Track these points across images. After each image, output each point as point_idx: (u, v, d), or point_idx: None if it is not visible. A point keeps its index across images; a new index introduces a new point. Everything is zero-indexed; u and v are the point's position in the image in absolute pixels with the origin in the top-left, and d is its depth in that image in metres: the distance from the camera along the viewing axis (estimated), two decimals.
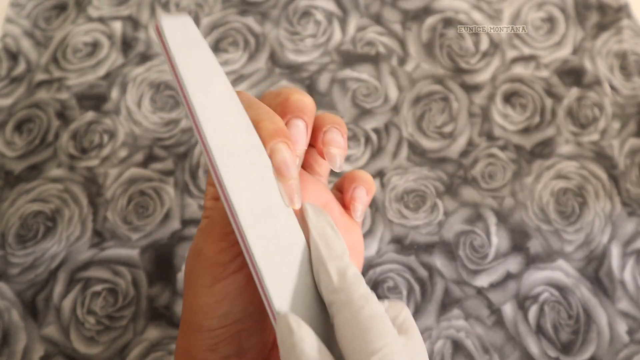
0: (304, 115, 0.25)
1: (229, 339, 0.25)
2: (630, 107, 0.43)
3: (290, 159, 0.23)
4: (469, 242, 0.38)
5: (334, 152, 0.26)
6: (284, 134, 0.23)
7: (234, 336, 0.25)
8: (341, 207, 0.28)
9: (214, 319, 0.25)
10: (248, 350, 0.25)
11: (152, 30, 0.24)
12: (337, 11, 0.47)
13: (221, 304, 0.24)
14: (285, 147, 0.23)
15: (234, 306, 0.24)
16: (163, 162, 0.41)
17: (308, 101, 0.25)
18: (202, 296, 0.25)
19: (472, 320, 0.36)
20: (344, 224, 0.28)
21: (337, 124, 0.27)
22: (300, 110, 0.25)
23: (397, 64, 0.44)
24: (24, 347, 0.35)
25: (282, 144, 0.23)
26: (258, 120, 0.24)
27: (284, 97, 0.25)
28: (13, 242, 0.38)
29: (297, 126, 0.25)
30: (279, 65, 0.44)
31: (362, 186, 0.28)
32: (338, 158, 0.26)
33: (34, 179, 0.40)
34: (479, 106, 0.43)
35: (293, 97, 0.25)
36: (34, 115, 0.42)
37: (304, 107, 0.25)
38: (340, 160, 0.27)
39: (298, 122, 0.25)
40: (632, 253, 0.38)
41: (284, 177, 0.23)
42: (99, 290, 0.37)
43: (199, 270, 0.25)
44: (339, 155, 0.26)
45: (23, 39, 0.46)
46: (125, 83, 0.43)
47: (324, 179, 0.29)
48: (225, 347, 0.25)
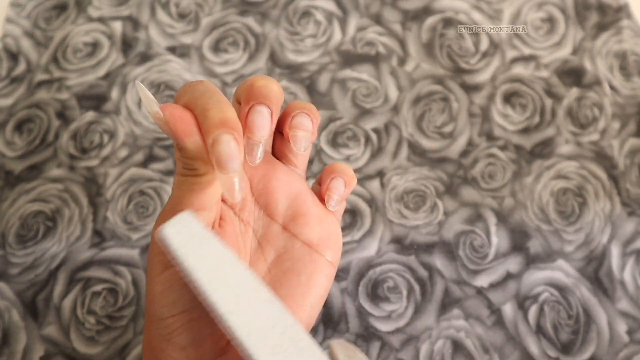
0: (267, 101, 0.24)
1: (180, 328, 0.25)
2: (630, 107, 0.43)
3: (232, 151, 0.22)
4: (469, 242, 0.38)
5: (298, 135, 0.26)
6: (229, 124, 0.22)
7: (185, 326, 0.25)
8: (316, 198, 0.28)
9: (164, 307, 0.25)
10: (202, 340, 0.25)
11: (157, 238, 0.23)
12: (337, 11, 0.47)
13: (169, 292, 0.24)
14: (228, 138, 0.22)
15: (181, 295, 0.24)
16: (163, 162, 0.41)
17: (275, 87, 0.25)
18: (154, 284, 0.25)
19: (472, 320, 0.36)
20: (317, 213, 0.28)
21: (307, 109, 0.26)
22: (264, 96, 0.24)
23: (397, 64, 0.44)
24: (24, 347, 0.35)
25: (225, 134, 0.22)
26: (206, 109, 0.23)
27: (249, 84, 0.25)
28: (13, 242, 0.38)
29: (259, 112, 0.24)
30: (279, 65, 0.44)
31: (340, 177, 0.28)
32: (302, 141, 0.26)
33: (34, 179, 0.40)
34: (478, 106, 0.43)
35: (258, 83, 0.25)
36: (34, 115, 0.42)
37: (268, 92, 0.24)
38: (304, 143, 0.26)
39: (261, 108, 0.24)
40: (632, 253, 0.38)
41: (222, 169, 0.22)
42: (99, 290, 0.37)
43: (151, 258, 0.25)
44: (303, 139, 0.26)
45: (23, 39, 0.46)
46: (125, 83, 0.43)
47: (299, 170, 0.29)
48: (179, 336, 0.25)
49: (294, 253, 0.28)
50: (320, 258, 0.27)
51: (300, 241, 0.28)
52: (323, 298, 0.28)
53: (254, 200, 0.28)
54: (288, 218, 0.28)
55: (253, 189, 0.28)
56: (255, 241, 0.29)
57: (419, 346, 0.35)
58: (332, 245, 0.28)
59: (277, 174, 0.28)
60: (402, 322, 0.36)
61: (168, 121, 0.23)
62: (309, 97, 0.43)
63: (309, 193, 0.28)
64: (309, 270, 0.27)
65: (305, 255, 0.28)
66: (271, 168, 0.28)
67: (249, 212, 0.28)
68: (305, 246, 0.28)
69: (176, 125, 0.23)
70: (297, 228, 0.28)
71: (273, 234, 0.28)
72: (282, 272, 0.28)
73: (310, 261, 0.27)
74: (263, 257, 0.28)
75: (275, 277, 0.28)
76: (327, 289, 0.28)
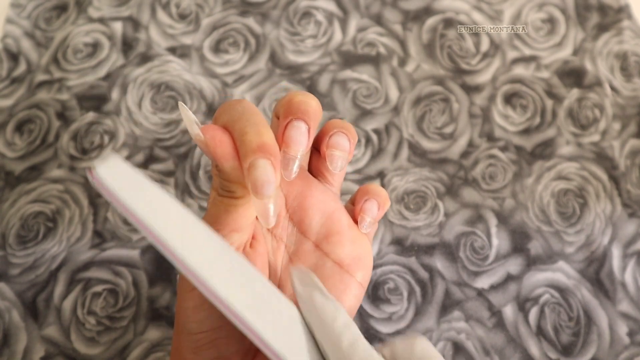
0: (305, 116, 0.24)
1: (208, 344, 0.25)
2: (630, 108, 0.43)
3: (268, 177, 0.22)
4: (470, 244, 0.38)
5: (335, 154, 0.26)
6: (266, 149, 0.22)
7: (213, 342, 0.25)
8: (350, 218, 0.28)
9: (193, 323, 0.25)
10: (229, 356, 0.26)
11: (89, 178, 0.22)
12: (338, 12, 0.47)
13: (199, 310, 0.25)
14: (265, 163, 0.22)
15: (210, 313, 0.25)
16: (163, 163, 0.41)
17: (313, 103, 0.25)
18: (185, 299, 0.25)
19: (473, 322, 0.36)
20: (351, 236, 0.28)
21: (345, 129, 0.27)
22: (302, 112, 0.24)
23: (398, 65, 0.44)
24: (24, 347, 0.35)
25: (261, 159, 0.22)
26: (243, 132, 0.23)
27: (287, 99, 0.25)
28: (14, 243, 0.38)
29: (297, 127, 0.24)
30: (279, 66, 0.44)
31: (374, 199, 0.28)
32: (339, 161, 0.26)
33: (34, 179, 0.40)
34: (479, 107, 0.43)
35: (296, 99, 0.25)
36: (34, 116, 0.42)
37: (306, 108, 0.24)
38: (340, 163, 0.26)
39: (299, 123, 0.24)
40: (633, 254, 0.38)
41: (257, 195, 0.22)
42: (99, 290, 0.37)
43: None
44: (340, 158, 0.26)
45: (23, 40, 0.46)
46: (125, 84, 0.43)
47: (335, 188, 0.29)
48: (206, 351, 0.25)
49: (324, 271, 0.28)
50: (350, 279, 0.27)
51: (332, 260, 0.28)
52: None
53: (289, 217, 0.28)
54: (321, 236, 0.28)
55: (288, 205, 0.28)
56: (286, 257, 0.29)
57: None
58: (363, 267, 0.28)
59: (312, 192, 0.28)
60: (402, 323, 0.36)
61: (208, 144, 0.23)
62: None
63: (343, 212, 0.28)
64: (338, 290, 0.27)
65: (336, 274, 0.27)
66: (307, 185, 0.28)
67: (282, 228, 0.28)
68: (336, 265, 0.28)
69: (215, 149, 0.23)
70: (329, 247, 0.28)
71: (305, 251, 0.28)
72: None
73: (340, 281, 0.27)
74: None
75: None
76: (354, 310, 0.28)
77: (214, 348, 0.25)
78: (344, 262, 0.27)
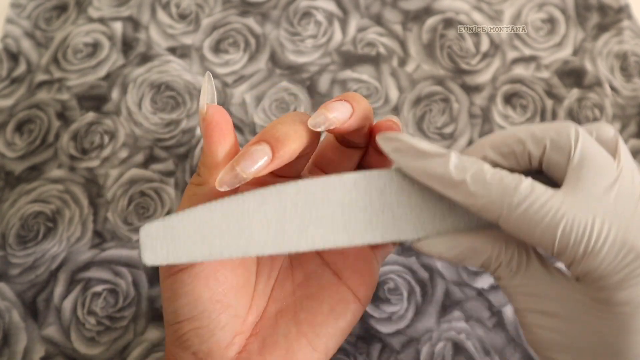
0: (350, 99, 0.25)
1: (188, 334, 0.25)
2: (630, 108, 0.43)
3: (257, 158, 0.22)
4: None
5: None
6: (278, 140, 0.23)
7: (189, 333, 0.25)
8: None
9: (169, 314, 0.25)
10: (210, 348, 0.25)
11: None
12: (338, 12, 0.47)
13: (171, 301, 0.25)
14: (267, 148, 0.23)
15: (181, 304, 0.25)
16: (164, 163, 0.41)
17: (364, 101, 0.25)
18: (162, 290, 0.25)
19: (473, 322, 0.36)
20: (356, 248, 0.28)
21: (393, 121, 0.27)
22: (351, 97, 0.25)
23: (398, 65, 0.44)
24: (24, 347, 0.35)
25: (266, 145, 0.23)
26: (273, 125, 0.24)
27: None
28: (13, 243, 0.38)
29: (341, 103, 0.24)
30: (279, 66, 0.44)
31: (347, 101, 0.28)
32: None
33: (34, 179, 0.40)
34: (479, 107, 0.43)
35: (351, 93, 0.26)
36: (34, 116, 0.42)
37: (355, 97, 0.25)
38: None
39: (343, 102, 0.24)
40: None
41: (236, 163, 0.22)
42: (99, 290, 0.37)
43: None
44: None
45: (23, 40, 0.46)
46: (125, 84, 0.43)
47: None
48: (187, 341, 0.25)
49: (321, 280, 0.28)
50: (347, 292, 0.27)
51: (331, 270, 0.28)
52: (344, 333, 0.28)
53: None
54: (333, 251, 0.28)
55: None
56: (287, 260, 0.29)
57: (420, 348, 0.35)
58: (364, 284, 0.28)
59: None
60: (402, 323, 0.36)
61: (205, 119, 0.23)
62: (309, 98, 0.43)
63: None
64: (332, 301, 0.27)
65: (332, 285, 0.28)
66: None
67: None
68: (334, 276, 0.28)
69: (210, 129, 0.23)
70: (330, 256, 0.28)
71: (305, 257, 0.28)
72: (305, 295, 0.28)
73: (336, 292, 0.27)
74: (292, 277, 0.28)
75: (298, 299, 0.28)
76: (350, 325, 0.28)
77: (190, 340, 0.25)
78: (342, 275, 0.28)
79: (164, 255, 0.22)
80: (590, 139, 0.23)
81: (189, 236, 0.22)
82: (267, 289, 0.28)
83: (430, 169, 0.23)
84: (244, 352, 0.26)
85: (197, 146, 0.41)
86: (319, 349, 0.27)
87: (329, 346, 0.27)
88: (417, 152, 0.23)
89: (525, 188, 0.22)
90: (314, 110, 0.42)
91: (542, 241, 0.22)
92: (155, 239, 0.22)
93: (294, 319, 0.27)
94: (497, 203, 0.22)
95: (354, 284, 0.28)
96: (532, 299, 0.23)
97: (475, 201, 0.22)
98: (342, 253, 0.28)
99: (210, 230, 0.22)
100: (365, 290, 0.28)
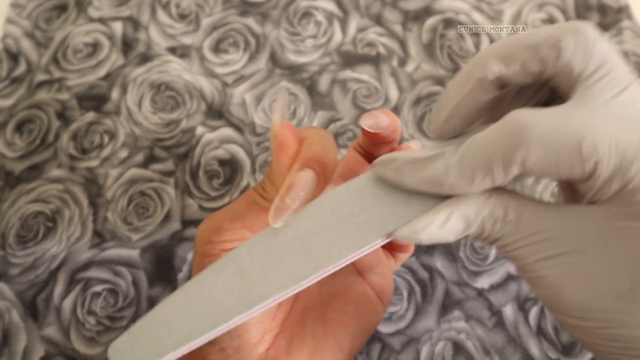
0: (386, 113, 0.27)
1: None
2: None
3: (308, 186, 0.23)
4: (470, 243, 0.38)
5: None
6: (324, 167, 0.23)
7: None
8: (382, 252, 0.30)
9: None
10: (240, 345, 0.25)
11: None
12: (338, 12, 0.47)
13: None
14: (315, 176, 0.23)
15: None
16: (163, 163, 0.41)
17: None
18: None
19: (473, 321, 0.36)
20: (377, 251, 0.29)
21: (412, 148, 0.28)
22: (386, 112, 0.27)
23: (398, 65, 0.44)
24: (24, 347, 0.35)
25: (313, 172, 0.23)
26: (317, 144, 0.24)
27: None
28: (13, 243, 0.38)
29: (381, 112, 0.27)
30: (279, 66, 0.44)
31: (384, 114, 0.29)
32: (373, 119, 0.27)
33: (34, 179, 0.40)
34: None
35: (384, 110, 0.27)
36: (34, 116, 0.42)
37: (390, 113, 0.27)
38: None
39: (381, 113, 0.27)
40: None
41: (286, 195, 0.23)
42: (99, 290, 0.37)
43: (195, 252, 0.25)
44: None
45: (23, 40, 0.46)
46: (125, 84, 0.43)
47: None
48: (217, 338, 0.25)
49: (346, 278, 0.28)
50: (371, 293, 0.28)
51: (355, 269, 0.28)
52: (368, 334, 0.28)
53: None
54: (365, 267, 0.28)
55: None
56: None
57: (420, 348, 0.35)
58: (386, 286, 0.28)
59: None
60: (402, 323, 0.36)
61: (276, 135, 0.24)
62: (309, 98, 0.43)
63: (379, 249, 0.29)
64: (358, 301, 0.27)
65: (358, 285, 0.28)
66: None
67: None
68: (359, 276, 0.28)
69: (280, 148, 0.24)
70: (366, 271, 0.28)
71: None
72: (331, 294, 0.28)
73: (362, 292, 0.28)
74: None
75: (324, 297, 0.28)
76: (373, 327, 0.28)
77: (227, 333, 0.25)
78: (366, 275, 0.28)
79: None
80: (604, 39, 0.21)
81: (155, 335, 0.21)
82: None
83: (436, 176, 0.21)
84: (271, 349, 0.26)
85: (197, 146, 0.41)
86: (345, 348, 0.27)
87: (354, 347, 0.27)
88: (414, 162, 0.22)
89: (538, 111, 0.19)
90: (314, 110, 0.42)
91: (569, 168, 0.19)
92: (123, 352, 0.21)
93: (321, 318, 0.27)
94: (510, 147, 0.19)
95: (376, 285, 0.28)
96: (543, 245, 0.20)
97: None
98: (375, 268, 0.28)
99: (175, 319, 0.21)
100: (386, 293, 0.28)
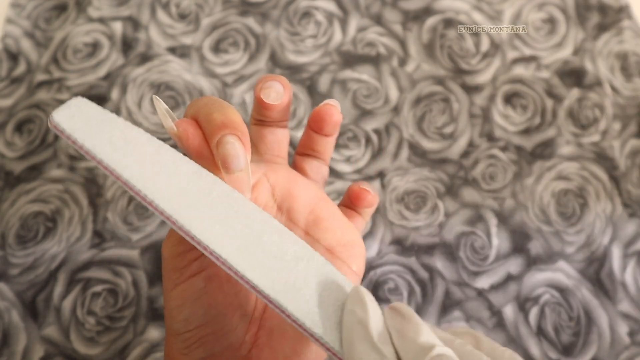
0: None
1: (197, 343, 0.25)
2: (631, 108, 0.43)
3: (237, 151, 0.23)
4: (470, 244, 0.38)
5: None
6: (232, 125, 0.23)
7: (201, 340, 0.25)
8: (336, 206, 0.28)
9: (179, 322, 0.25)
10: (222, 352, 0.25)
11: (50, 127, 0.23)
12: (338, 12, 0.47)
13: (182, 309, 0.25)
14: (233, 138, 0.23)
15: (194, 310, 0.25)
16: None
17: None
18: (168, 299, 0.25)
19: (473, 322, 0.36)
20: (340, 222, 0.28)
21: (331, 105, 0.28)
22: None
23: (398, 65, 0.44)
24: (24, 347, 0.35)
25: (228, 135, 0.23)
26: (209, 113, 0.24)
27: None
28: (13, 243, 0.38)
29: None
30: (279, 66, 0.44)
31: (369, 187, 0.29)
32: (271, 92, 0.26)
33: (34, 179, 0.40)
34: (479, 107, 0.43)
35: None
36: (34, 116, 0.42)
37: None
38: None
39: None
40: (633, 254, 0.38)
41: (228, 170, 0.23)
42: (99, 290, 0.37)
43: (164, 274, 0.25)
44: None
45: (23, 40, 0.46)
46: (125, 84, 0.43)
47: (324, 162, 0.30)
48: (196, 350, 0.25)
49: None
50: (343, 265, 0.27)
51: (323, 246, 0.28)
52: None
53: (277, 207, 0.28)
54: (310, 223, 0.28)
55: (276, 195, 0.28)
56: None
57: None
58: (355, 254, 0.28)
59: (298, 180, 0.28)
60: None
61: (180, 137, 0.24)
62: (309, 98, 0.43)
63: (329, 200, 0.28)
64: None
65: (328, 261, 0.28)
66: (293, 175, 0.28)
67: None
68: (327, 252, 0.28)
69: (187, 142, 0.24)
70: (319, 233, 0.28)
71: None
72: None
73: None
74: None
75: None
76: None
77: (203, 346, 0.25)
78: (334, 249, 0.27)
79: (70, 127, 0.21)
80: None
81: (97, 128, 0.21)
82: None
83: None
84: (254, 349, 0.26)
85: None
86: None
87: None
88: (367, 336, 0.20)
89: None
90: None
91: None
92: (77, 109, 0.22)
93: None
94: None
95: (346, 255, 0.27)
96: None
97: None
98: (328, 228, 0.28)
99: (116, 137, 0.22)
100: (358, 262, 0.28)
